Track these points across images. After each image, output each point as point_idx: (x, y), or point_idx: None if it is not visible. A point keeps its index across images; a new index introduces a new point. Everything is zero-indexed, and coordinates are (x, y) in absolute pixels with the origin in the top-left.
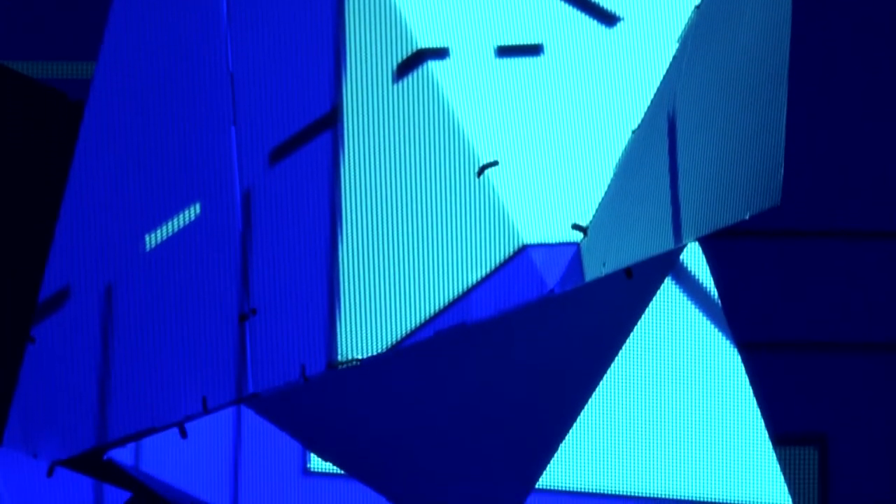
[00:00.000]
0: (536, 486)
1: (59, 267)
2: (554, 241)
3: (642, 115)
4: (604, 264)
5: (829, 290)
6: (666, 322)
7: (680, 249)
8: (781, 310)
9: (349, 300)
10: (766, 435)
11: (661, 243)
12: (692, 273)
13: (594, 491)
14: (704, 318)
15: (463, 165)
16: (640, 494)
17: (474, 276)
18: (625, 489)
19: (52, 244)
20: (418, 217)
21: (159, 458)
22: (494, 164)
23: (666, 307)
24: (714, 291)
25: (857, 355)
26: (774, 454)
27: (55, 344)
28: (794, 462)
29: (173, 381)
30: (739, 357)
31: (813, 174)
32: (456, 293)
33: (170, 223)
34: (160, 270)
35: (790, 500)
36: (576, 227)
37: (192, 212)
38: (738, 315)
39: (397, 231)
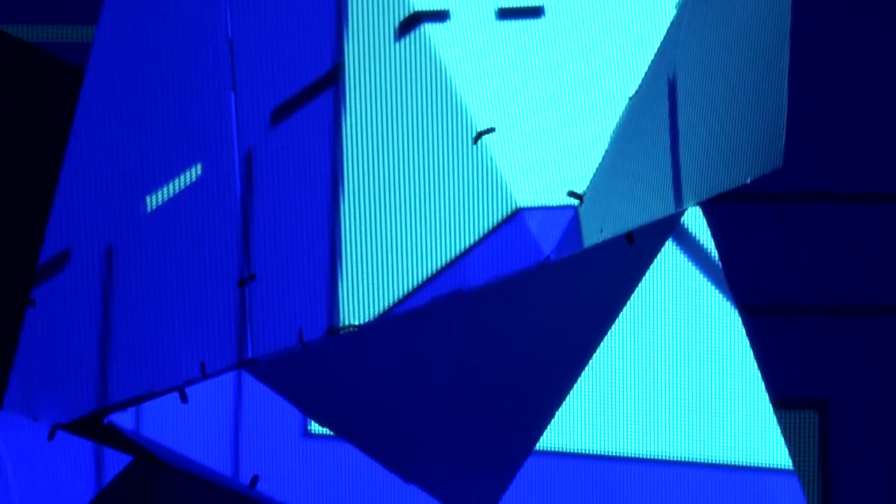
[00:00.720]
0: (536, 449)
1: (59, 230)
2: (549, 205)
3: (640, 80)
4: (601, 230)
5: (830, 253)
6: (667, 285)
7: (680, 213)
8: (782, 273)
9: (347, 264)
10: (767, 398)
11: (660, 208)
12: (693, 236)
13: (596, 453)
14: (705, 281)
15: (460, 129)
16: (639, 456)
17: (469, 239)
18: (624, 451)
19: (53, 207)
20: (415, 180)
21: (160, 422)
22: (491, 130)
23: (667, 270)
24: (715, 254)
25: (857, 318)
26: (775, 417)
27: (56, 306)
28: (794, 425)
29: (172, 345)
30: (740, 320)
31: (814, 137)
32: (451, 256)
33: (169, 187)
34: (160, 234)
35: (790, 463)
36: (571, 194)
37: (191, 174)
38: (739, 278)
39: (395, 194)
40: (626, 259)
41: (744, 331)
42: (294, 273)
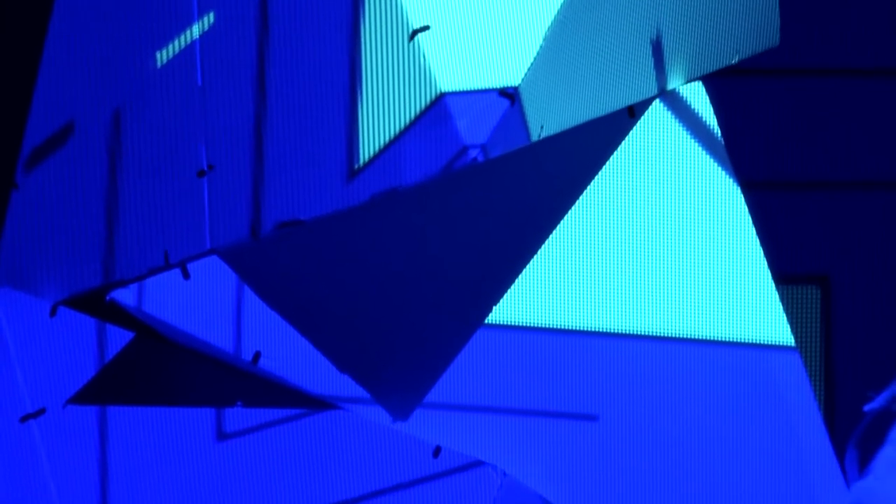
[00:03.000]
0: (535, 326)
1: (43, 107)
2: (476, 91)
3: None
4: (541, 127)
5: (834, 128)
6: (668, 161)
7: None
8: (785, 148)
9: (292, 155)
10: (769, 274)
11: (636, 93)
12: (695, 111)
13: (595, 330)
14: (707, 156)
15: (395, 25)
16: (639, 333)
17: (397, 126)
18: (624, 328)
19: (36, 85)
20: (350, 72)
21: (162, 298)
22: (426, 28)
23: (668, 146)
24: (717, 130)
25: (861, 194)
26: (776, 293)
27: (44, 187)
28: (796, 301)
29: (143, 231)
30: (742, 196)
31: (817, 13)
32: (381, 144)
33: (138, 69)
34: (132, 118)
35: (792, 339)
36: (503, 92)
37: (156, 61)
38: (741, 153)
39: (330, 86)
40: (580, 150)
41: (745, 206)
42: (247, 165)
